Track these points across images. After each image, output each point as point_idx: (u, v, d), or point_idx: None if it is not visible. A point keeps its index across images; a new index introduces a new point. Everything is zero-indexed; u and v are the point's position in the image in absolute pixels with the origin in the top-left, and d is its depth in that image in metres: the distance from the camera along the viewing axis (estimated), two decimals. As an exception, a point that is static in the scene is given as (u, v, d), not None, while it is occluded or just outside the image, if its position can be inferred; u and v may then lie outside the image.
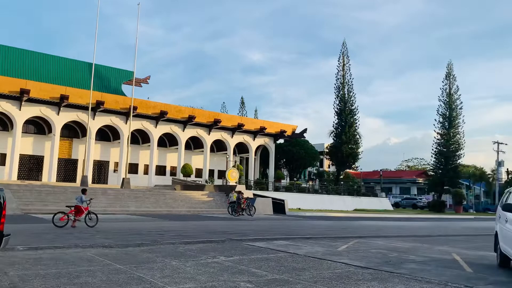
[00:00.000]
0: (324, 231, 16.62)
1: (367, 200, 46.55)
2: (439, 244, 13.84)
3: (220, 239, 12.36)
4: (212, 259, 8.86)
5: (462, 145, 52.39)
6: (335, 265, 8.62)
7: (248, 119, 48.44)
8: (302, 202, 38.65)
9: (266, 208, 29.38)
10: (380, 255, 10.32)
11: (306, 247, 11.49)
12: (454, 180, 51.85)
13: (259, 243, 12.03)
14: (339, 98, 51.33)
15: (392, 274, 7.72)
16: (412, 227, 22.33)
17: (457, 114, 52.74)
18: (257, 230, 16.18)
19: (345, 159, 49.59)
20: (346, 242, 13.20)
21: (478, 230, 22.00)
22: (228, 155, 41.32)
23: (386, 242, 13.67)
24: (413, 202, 59.29)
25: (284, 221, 22.83)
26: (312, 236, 14.18)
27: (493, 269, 8.74)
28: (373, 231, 18.16)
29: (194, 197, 31.50)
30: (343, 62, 51.99)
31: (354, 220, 27.56)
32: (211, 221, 20.58)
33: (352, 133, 49.92)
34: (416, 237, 16.31)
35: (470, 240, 15.95)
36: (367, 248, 11.71)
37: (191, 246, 11.01)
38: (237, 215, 24.95)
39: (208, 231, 14.94)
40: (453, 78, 53.40)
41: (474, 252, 11.80)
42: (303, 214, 30.80)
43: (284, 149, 51.54)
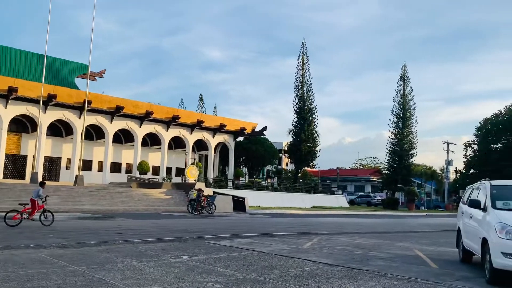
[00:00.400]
0: (287, 229, 16.53)
1: (324, 197, 47.22)
2: (399, 240, 14.06)
3: (182, 237, 11.94)
4: (175, 259, 8.46)
5: (414, 144, 54.34)
6: (303, 262, 8.46)
7: (207, 116, 47.82)
8: (262, 199, 38.61)
9: (226, 206, 29.05)
10: (345, 252, 10.29)
11: (271, 244, 11.30)
12: (407, 178, 53.65)
13: (222, 241, 11.71)
14: (299, 97, 51.74)
15: (361, 271, 7.65)
16: (370, 224, 22.73)
17: (410, 114, 54.60)
18: (219, 228, 15.84)
19: (303, 157, 50.06)
20: (310, 239, 13.14)
21: (432, 227, 22.73)
22: (187, 152, 40.59)
23: (349, 239, 13.73)
24: (368, 199, 60.91)
25: (245, 219, 22.60)
26: (276, 234, 14.02)
27: (457, 264, 8.88)
28: (334, 228, 18.28)
29: (152, 195, 30.65)
30: (302, 62, 52.42)
31: (313, 217, 27.78)
32: (171, 220, 20.01)
33: (311, 132, 50.47)
34: (376, 234, 16.53)
35: (427, 236, 16.36)
36: (332, 245, 11.68)
37: (152, 245, 10.53)
38: (197, 213, 24.45)
39: (169, 229, 14.45)
40: (407, 79, 55.25)
41: (434, 248, 12.05)
42: (263, 211, 30.72)
43: (244, 146, 51.32)
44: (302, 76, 52.14)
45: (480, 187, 8.20)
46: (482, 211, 7.33)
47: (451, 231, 19.93)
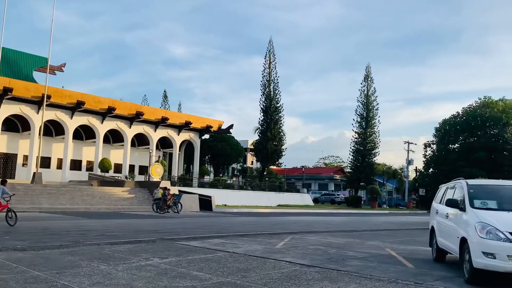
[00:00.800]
0: (256, 228, 16.28)
1: (290, 196, 47.38)
2: (368, 239, 14.10)
3: (150, 238, 11.43)
4: (145, 262, 8.01)
5: (377, 144, 55.50)
6: (280, 264, 8.21)
7: (172, 113, 46.87)
8: (228, 198, 38.23)
9: (192, 205, 28.48)
10: (320, 252, 10.14)
11: (244, 245, 11.00)
12: (370, 177, 54.71)
13: (193, 242, 11.30)
14: (265, 96, 51.66)
15: (339, 272, 7.48)
16: (337, 222, 22.84)
17: (373, 114, 55.72)
18: (187, 228, 15.38)
19: (270, 156, 50.06)
20: (282, 238, 12.93)
21: (397, 225, 23.07)
22: (151, 150, 39.58)
23: (320, 238, 13.63)
24: (331, 197, 61.64)
25: (213, 218, 22.19)
26: (246, 234, 13.74)
27: (432, 263, 8.89)
28: (303, 226, 18.19)
29: (114, 193, 29.65)
30: (269, 60, 52.38)
31: (281, 216, 27.70)
32: (136, 219, 19.32)
33: (277, 130, 50.53)
34: (345, 232, 16.56)
35: (394, 235, 16.53)
36: (305, 245, 11.51)
37: (118, 247, 10.00)
38: (163, 212, 23.79)
39: (135, 230, 13.87)
40: (371, 80, 56.36)
41: (404, 247, 12.11)
42: (230, 210, 30.37)
43: (209, 144, 50.74)
44: (269, 75, 52.11)
45: (456, 186, 8.22)
46: (460, 211, 7.31)
47: (416, 229, 20.38)
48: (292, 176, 74.77)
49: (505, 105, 64.15)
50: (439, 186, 10.13)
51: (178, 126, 44.98)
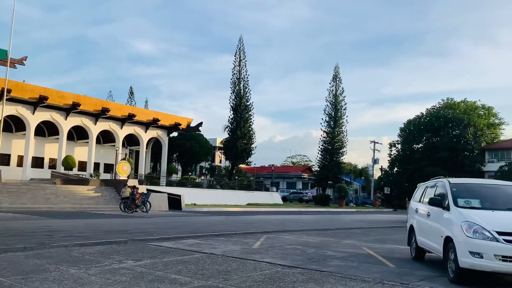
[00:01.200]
0: (230, 227, 15.96)
1: (259, 194, 47.26)
2: (343, 237, 14.07)
3: (121, 239, 10.90)
4: (119, 265, 7.56)
5: (345, 143, 56.20)
6: (261, 265, 7.94)
7: (140, 110, 45.75)
8: (197, 197, 37.65)
9: (161, 204, 27.79)
10: (299, 252, 9.94)
11: (220, 245, 10.67)
12: (338, 175, 55.34)
13: (166, 243, 10.87)
14: (235, 94, 51.26)
15: (323, 273, 7.29)
16: (309, 221, 22.83)
17: (341, 114, 56.37)
18: (159, 228, 14.88)
19: (239, 154, 49.72)
20: (257, 238, 12.68)
21: (367, 223, 23.30)
22: (117, 147, 38.45)
23: (295, 237, 13.48)
24: (300, 196, 62.06)
25: (183, 218, 21.68)
26: (221, 233, 13.39)
27: (412, 263, 8.85)
28: (276, 225, 18.01)
29: (79, 192, 28.56)
30: (239, 58, 51.97)
31: (252, 214, 27.46)
32: (104, 219, 18.58)
33: (247, 129, 50.24)
34: (319, 231, 16.50)
35: (367, 233, 16.60)
36: (281, 244, 11.30)
37: (88, 248, 9.46)
38: (131, 212, 23.05)
39: (104, 230, 13.26)
40: (339, 80, 56.96)
41: (380, 246, 12.11)
42: (200, 209, 29.87)
43: (178, 142, 49.88)
44: (239, 73, 51.73)
45: (437, 185, 8.20)
46: (443, 210, 7.27)
47: (387, 228, 20.62)
48: (261, 174, 74.73)
49: (466, 107, 66.51)
50: (417, 184, 10.14)
51: (145, 123, 43.97)
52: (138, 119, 42.40)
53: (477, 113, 65.91)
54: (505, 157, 59.97)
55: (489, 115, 66.96)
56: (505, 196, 7.43)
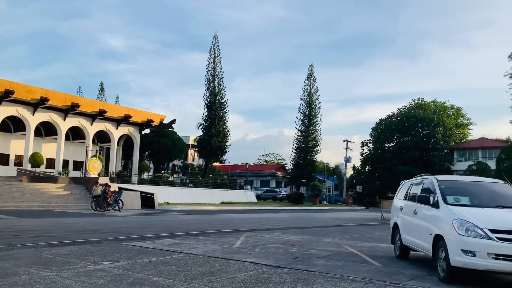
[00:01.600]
0: (207, 226, 15.56)
1: (233, 193, 46.89)
2: (322, 235, 13.92)
3: (94, 239, 10.37)
4: (94, 266, 7.10)
5: (319, 142, 56.50)
6: (244, 265, 7.63)
7: (111, 106, 44.51)
8: (170, 195, 36.97)
9: (133, 202, 27.03)
10: (281, 251, 9.69)
11: (199, 245, 10.29)
12: (311, 174, 55.59)
13: (143, 242, 10.42)
14: (210, 91, 50.61)
15: (310, 273, 7.05)
16: (286, 219, 22.67)
17: (315, 113, 56.60)
18: (133, 227, 14.33)
19: (214, 152, 49.15)
20: (237, 237, 12.37)
21: (343, 221, 23.30)
22: (88, 144, 37.28)
23: (275, 236, 13.23)
24: (274, 194, 62.07)
25: (157, 216, 21.10)
26: (199, 232, 13.00)
27: (397, 261, 8.72)
28: (254, 224, 17.73)
29: (48, 190, 27.47)
30: (214, 54, 51.32)
31: (228, 213, 27.10)
32: (75, 218, 17.82)
33: (221, 126, 49.70)
34: (297, 229, 16.32)
35: (345, 231, 16.53)
36: (263, 243, 11.02)
37: (59, 249, 8.92)
38: (103, 210, 22.29)
39: (76, 229, 12.63)
40: (314, 79, 57.16)
41: (361, 244, 12.00)
42: (174, 208, 29.27)
43: (150, 139, 48.93)
44: (214, 69, 51.09)
45: (424, 182, 8.09)
46: (432, 207, 7.14)
47: (363, 225, 20.69)
48: (235, 173, 74.28)
49: (436, 107, 68.08)
50: (401, 182, 10.05)
51: (116, 120, 42.84)
52: (109, 116, 41.26)
53: (446, 113, 67.61)
54: (472, 156, 61.70)
55: (458, 115, 68.79)
56: (492, 194, 7.38)
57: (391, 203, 27.93)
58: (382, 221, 24.84)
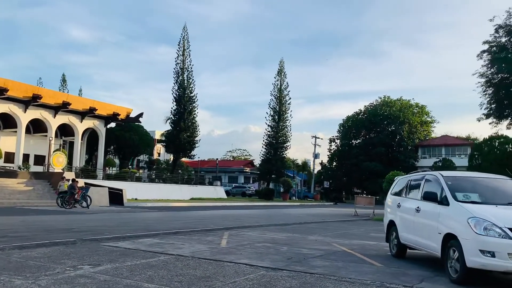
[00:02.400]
0: (185, 224, 14.83)
1: (203, 188, 46.04)
2: (306, 233, 13.54)
3: (68, 239, 9.50)
4: (74, 272, 6.34)
5: (289, 137, 56.39)
6: (240, 268, 7.06)
7: (75, 98, 42.53)
8: (138, 192, 35.74)
9: (101, 199, 25.81)
10: (272, 250, 9.17)
11: (184, 245, 9.63)
12: (281, 170, 55.46)
13: (122, 242, 9.65)
14: (178, 84, 49.39)
15: (313, 275, 6.57)
16: (261, 215, 22.17)
17: (286, 108, 56.41)
18: (107, 225, 13.43)
19: (183, 147, 48.05)
20: (220, 235, 11.77)
21: (319, 217, 23.03)
22: (51, 138, 35.45)
23: (258, 233, 12.72)
24: (243, 190, 61.59)
25: (129, 214, 20.11)
26: (178, 231, 12.28)
27: (396, 260, 8.38)
28: (232, 221, 17.14)
29: (7, 185, 25.83)
30: (183, 47, 50.12)
31: (201, 210, 26.36)
32: (41, 216, 16.63)
33: (191, 121, 48.67)
34: (277, 226, 15.89)
35: (326, 228, 16.24)
36: (250, 242, 10.47)
37: (31, 251, 8.04)
38: (70, 207, 21.07)
39: (45, 228, 11.63)
40: (284, 75, 56.90)
41: (349, 241, 11.67)
42: (144, 204, 28.19)
43: (116, 134, 47.21)
44: (183, 62, 49.90)
45: (427, 178, 7.76)
46: (440, 205, 6.80)
47: (340, 221, 20.50)
48: (202, 168, 73.32)
49: (401, 105, 69.46)
50: (395, 178, 9.75)
51: (81, 113, 41.01)
52: (73, 108, 39.42)
53: (411, 111, 69.10)
54: (436, 153, 63.41)
55: (422, 113, 70.46)
56: (500, 190, 7.13)
57: (364, 199, 28.07)
58: (355, 216, 24.84)
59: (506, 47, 28.56)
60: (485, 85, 31.05)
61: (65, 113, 39.71)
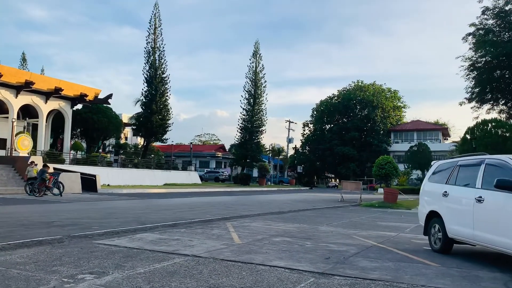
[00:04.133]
0: (175, 214, 13.37)
1: (176, 173, 44.34)
2: (312, 223, 12.44)
3: (54, 237, 7.91)
4: (76, 285, 4.88)
5: (264, 121, 55.15)
6: (282, 274, 5.78)
7: (39, 77, 39.47)
8: (109, 177, 33.75)
9: (73, 185, 23.80)
10: (298, 247, 7.94)
11: (192, 241, 8.24)
12: (257, 154, 54.31)
13: (119, 240, 8.16)
14: (150, 64, 47.00)
15: (375, 282, 5.38)
16: (248, 202, 20.91)
17: (261, 92, 55.02)
18: (90, 216, 11.79)
19: (155, 130, 45.95)
20: (223, 227, 10.46)
21: (308, 203, 22.02)
22: (14, 119, 32.71)
23: (264, 224, 11.48)
24: (216, 175, 60.26)
25: (108, 202, 18.36)
26: (176, 223, 10.84)
27: (448, 258, 7.29)
28: (223, 209, 15.76)
29: (-35, 171, 23.39)
30: (155, 25, 47.59)
31: (181, 196, 24.81)
32: (12, 206, 14.67)
33: (163, 103, 46.53)
34: (276, 215, 14.70)
35: (326, 216, 15.23)
36: (264, 236, 9.20)
37: (11, 255, 6.47)
38: (40, 195, 19.07)
39: (21, 223, 9.90)
40: (260, 57, 55.38)
41: (367, 233, 10.63)
42: (119, 191, 26.34)
43: (83, 116, 44.54)
44: (154, 42, 47.43)
45: (490, 162, 6.67)
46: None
47: (331, 208, 19.57)
48: (173, 153, 71.18)
49: (374, 89, 69.50)
50: (433, 162, 8.68)
51: (45, 93, 38.15)
52: (37, 88, 36.55)
53: (384, 95, 69.27)
54: (408, 138, 63.97)
55: (395, 98, 70.78)
56: None
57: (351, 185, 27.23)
58: (342, 202, 24.02)
59: (493, 29, 28.18)
60: (469, 68, 30.74)
61: (28, 93, 36.81)
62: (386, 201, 22.68)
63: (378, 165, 23.15)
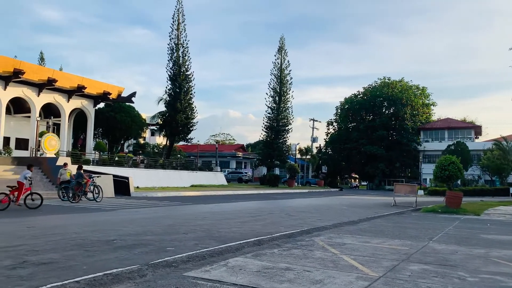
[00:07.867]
0: (244, 225, 11.34)
1: (203, 174, 42.42)
2: (411, 238, 10.34)
3: (130, 267, 5.91)
4: None
5: (290, 120, 53.00)
6: None
7: (62, 74, 37.80)
8: (136, 179, 31.83)
9: (106, 188, 21.88)
10: (459, 281, 5.81)
11: (311, 272, 6.17)
12: (284, 154, 52.22)
13: (216, 271, 6.12)
14: (173, 61, 45.13)
15: None
16: (302, 208, 18.82)
17: (287, 89, 52.86)
18: (152, 231, 9.76)
19: (180, 130, 44.10)
20: (320, 247, 8.38)
21: (363, 208, 19.91)
22: (38, 118, 31.10)
23: (363, 242, 9.38)
24: (239, 176, 58.26)
25: (154, 208, 16.39)
26: (258, 240, 8.78)
27: None
28: (286, 218, 13.67)
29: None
30: (178, 20, 45.72)
31: (221, 200, 22.81)
32: (51, 216, 12.77)
33: (187, 101, 44.64)
34: (351, 225, 12.57)
35: (408, 227, 13.05)
36: (394, 263, 7.09)
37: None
38: (76, 201, 17.23)
39: (75, 242, 7.91)
40: (285, 53, 53.18)
41: (498, 253, 8.46)
42: (153, 194, 24.46)
43: (105, 115, 42.97)
44: (177, 38, 45.53)
45: None
46: None
47: (395, 215, 17.39)
48: (192, 153, 69.44)
49: (402, 87, 66.85)
50: None
51: (68, 91, 36.58)
52: (59, 86, 34.97)
53: (412, 92, 66.60)
54: (439, 136, 61.20)
55: (423, 95, 68.07)
56: None
57: (405, 188, 24.94)
58: (396, 207, 21.85)
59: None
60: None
61: (50, 91, 35.29)
62: (449, 206, 20.41)
63: (440, 166, 20.90)
